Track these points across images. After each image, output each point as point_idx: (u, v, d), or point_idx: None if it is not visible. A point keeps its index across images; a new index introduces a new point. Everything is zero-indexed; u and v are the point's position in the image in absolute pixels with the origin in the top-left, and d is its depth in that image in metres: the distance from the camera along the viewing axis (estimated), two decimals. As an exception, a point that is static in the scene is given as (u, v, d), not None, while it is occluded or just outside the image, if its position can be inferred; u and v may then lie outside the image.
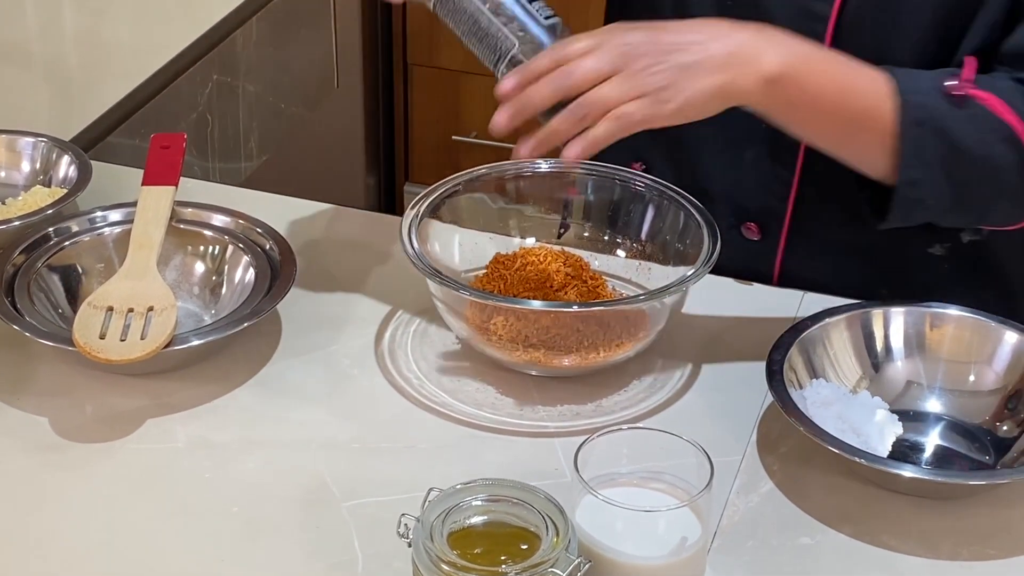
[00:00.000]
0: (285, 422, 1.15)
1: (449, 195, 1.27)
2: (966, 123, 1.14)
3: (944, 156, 1.15)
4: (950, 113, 1.14)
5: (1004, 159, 1.15)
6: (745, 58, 1.10)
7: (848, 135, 1.17)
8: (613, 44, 1.09)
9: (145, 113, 1.69)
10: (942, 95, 1.14)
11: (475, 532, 0.95)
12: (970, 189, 1.17)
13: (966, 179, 1.16)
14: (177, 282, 1.26)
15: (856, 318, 1.18)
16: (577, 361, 1.17)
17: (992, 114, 1.14)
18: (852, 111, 1.15)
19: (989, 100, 1.14)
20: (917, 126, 1.14)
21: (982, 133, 1.15)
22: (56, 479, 1.09)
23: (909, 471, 1.05)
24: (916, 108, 1.14)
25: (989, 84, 1.16)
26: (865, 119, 1.15)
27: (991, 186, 1.17)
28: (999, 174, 1.16)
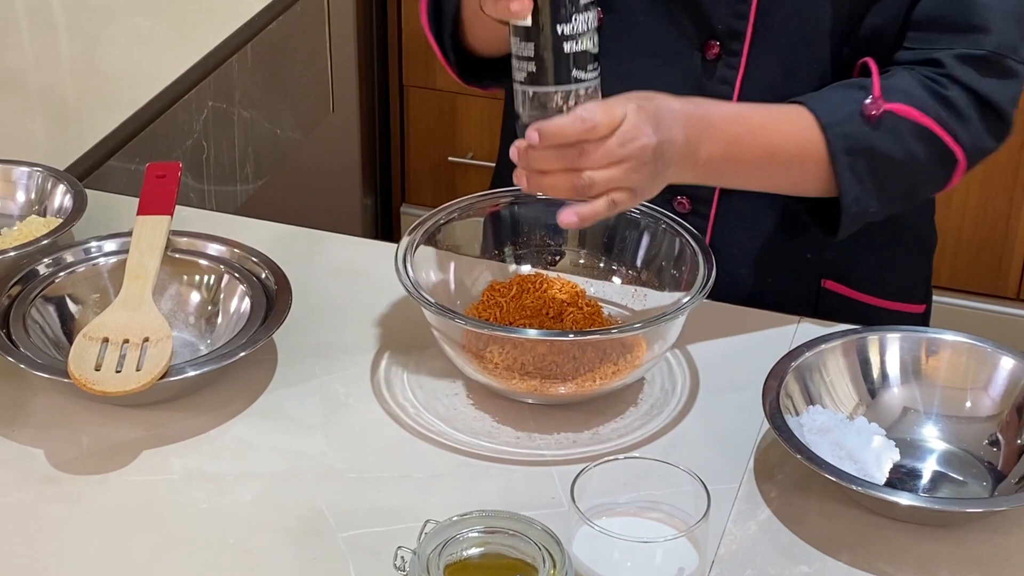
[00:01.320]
0: (281, 452, 1.15)
1: (445, 222, 1.27)
2: (888, 136, 1.24)
3: (876, 170, 1.25)
4: (872, 133, 1.24)
5: (924, 154, 1.25)
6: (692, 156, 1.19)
7: (784, 179, 1.27)
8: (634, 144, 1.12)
9: (141, 140, 1.69)
10: (861, 118, 1.23)
11: (472, 564, 0.95)
12: (902, 188, 1.28)
13: (898, 182, 1.27)
14: (173, 312, 1.26)
15: (852, 344, 1.18)
16: (574, 389, 1.17)
17: (908, 120, 1.24)
18: (783, 161, 1.24)
19: (902, 110, 1.24)
20: (847, 154, 1.23)
21: (903, 139, 1.24)
22: (52, 511, 1.09)
23: (906, 499, 1.05)
24: (842, 139, 1.23)
25: (897, 91, 1.24)
26: (797, 161, 1.24)
27: (918, 178, 1.28)
28: (923, 167, 1.26)
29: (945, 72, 1.25)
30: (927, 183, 1.30)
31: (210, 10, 1.96)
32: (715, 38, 1.30)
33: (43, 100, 1.73)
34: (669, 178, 1.18)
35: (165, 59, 1.81)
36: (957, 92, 1.24)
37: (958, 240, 2.58)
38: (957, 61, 1.25)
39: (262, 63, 1.98)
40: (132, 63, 1.81)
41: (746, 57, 1.30)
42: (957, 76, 1.25)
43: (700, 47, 1.31)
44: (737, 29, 1.29)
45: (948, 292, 2.61)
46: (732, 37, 1.30)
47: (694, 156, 1.19)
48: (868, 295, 1.42)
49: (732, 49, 1.30)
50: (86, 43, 1.86)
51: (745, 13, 1.28)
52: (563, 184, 1.12)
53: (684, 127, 1.18)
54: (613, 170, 1.12)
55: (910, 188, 1.29)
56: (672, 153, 1.16)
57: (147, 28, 1.89)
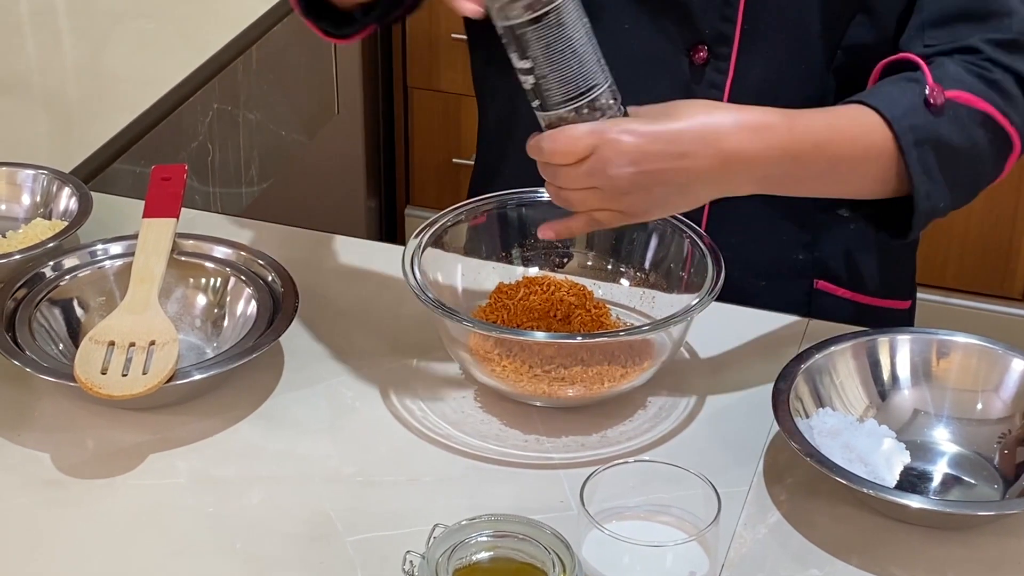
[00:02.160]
0: (288, 456, 1.14)
1: (452, 224, 1.26)
2: (952, 125, 1.21)
3: (943, 161, 1.21)
4: (938, 123, 1.20)
5: (985, 141, 1.23)
6: (735, 170, 1.14)
7: (849, 181, 1.22)
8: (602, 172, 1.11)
9: (146, 143, 1.69)
10: (925, 109, 1.20)
11: (481, 569, 0.94)
12: (968, 178, 1.25)
13: (962, 172, 1.24)
14: (179, 315, 1.26)
15: (862, 346, 1.17)
16: (582, 392, 1.17)
17: (968, 107, 1.21)
18: (849, 162, 1.20)
19: (961, 97, 1.21)
20: (917, 147, 1.19)
21: (965, 127, 1.21)
22: (57, 515, 1.09)
23: (917, 502, 1.05)
24: (910, 131, 1.19)
25: (951, 80, 1.22)
26: (863, 161, 1.20)
27: (981, 167, 1.25)
28: (985, 156, 1.24)
29: (985, 57, 1.23)
30: (987, 172, 1.26)
31: (215, 13, 1.96)
32: (702, 42, 1.29)
33: (48, 103, 1.73)
34: (700, 197, 1.15)
35: (170, 62, 1.80)
36: (1002, 75, 1.22)
37: (964, 241, 2.57)
38: (991, 46, 1.23)
39: (267, 65, 1.97)
40: (137, 66, 1.81)
41: (735, 61, 1.29)
42: (998, 59, 1.23)
43: (687, 52, 1.30)
44: (725, 33, 1.28)
45: (954, 293, 2.61)
46: (720, 41, 1.29)
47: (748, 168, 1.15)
48: (859, 294, 1.41)
49: (720, 53, 1.29)
50: (91, 46, 1.86)
51: (732, 16, 1.28)
52: (551, 193, 1.15)
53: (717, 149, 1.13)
54: (586, 194, 1.12)
55: (974, 178, 1.25)
56: (689, 178, 1.12)
57: (152, 31, 1.89)
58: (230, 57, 1.88)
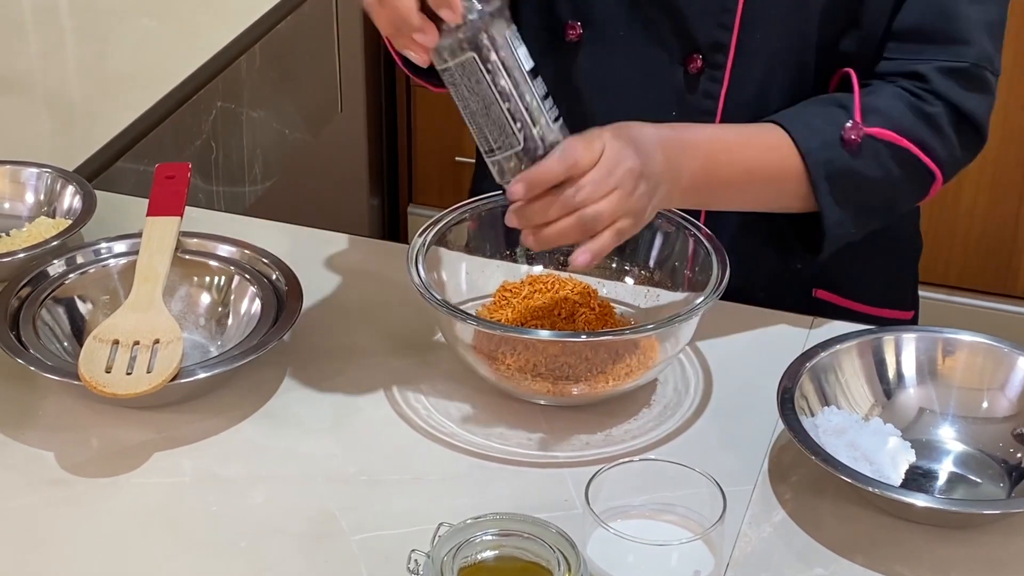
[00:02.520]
0: (292, 454, 1.14)
1: (456, 223, 1.26)
2: (868, 160, 1.24)
3: (856, 193, 1.25)
4: (852, 158, 1.24)
5: (903, 174, 1.26)
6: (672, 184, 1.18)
7: (766, 197, 1.27)
8: (620, 169, 1.12)
9: (149, 141, 1.68)
10: (841, 144, 1.24)
11: (486, 567, 0.94)
12: (881, 207, 1.29)
13: (876, 202, 1.28)
14: (183, 313, 1.26)
15: (867, 345, 1.17)
16: (586, 390, 1.16)
17: (890, 144, 1.24)
18: (762, 179, 1.24)
19: (882, 134, 1.24)
20: (827, 180, 1.24)
21: (883, 162, 1.25)
22: (62, 513, 1.08)
23: (922, 500, 1.04)
24: (822, 164, 1.24)
25: (878, 113, 1.24)
26: (777, 179, 1.25)
27: (897, 197, 1.29)
28: (902, 187, 1.27)
29: (929, 87, 1.25)
30: (905, 200, 1.31)
31: (218, 11, 1.95)
32: (698, 51, 1.29)
33: (51, 102, 1.73)
34: (659, 201, 1.17)
35: (173, 60, 1.80)
36: (940, 108, 1.25)
37: (967, 240, 2.57)
38: (940, 74, 1.25)
39: (270, 63, 1.97)
40: (140, 64, 1.80)
41: (730, 70, 1.29)
42: (940, 91, 1.25)
43: (682, 61, 1.30)
44: (720, 42, 1.28)
45: (957, 291, 2.61)
46: (715, 50, 1.29)
47: (677, 178, 1.18)
48: (859, 303, 1.41)
49: (715, 62, 1.29)
50: (94, 44, 1.86)
51: (729, 25, 1.27)
52: (570, 227, 1.11)
53: (662, 150, 1.17)
54: (611, 198, 1.11)
55: (888, 206, 1.30)
56: (656, 176, 1.15)
57: (155, 29, 1.89)
58: (233, 55, 1.87)
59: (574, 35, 1.32)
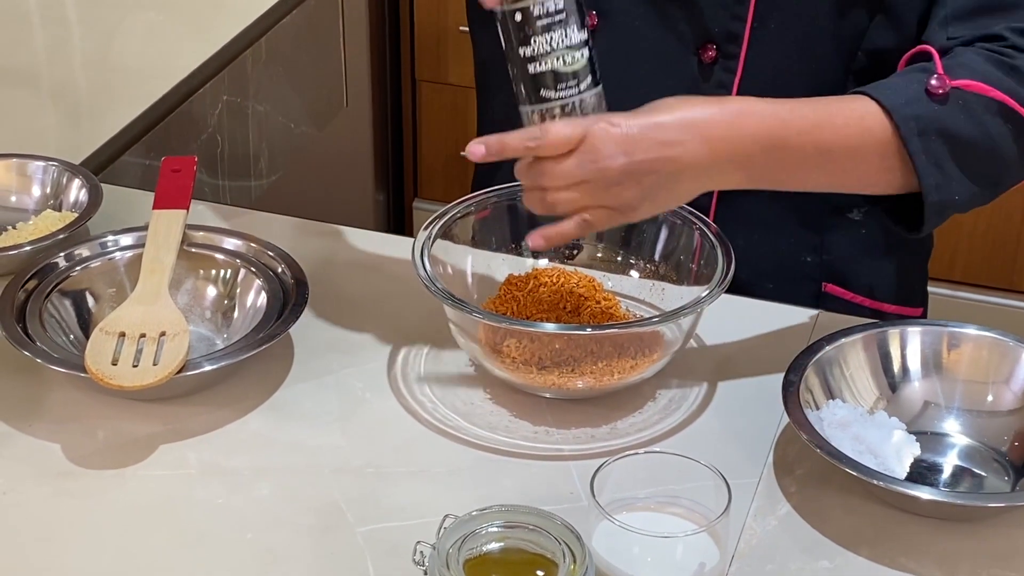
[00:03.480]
0: (298, 447, 1.14)
1: (461, 216, 1.26)
2: (960, 114, 1.17)
3: (953, 151, 1.17)
4: (943, 112, 1.16)
5: (1000, 131, 1.19)
6: (721, 159, 1.12)
7: (847, 177, 1.19)
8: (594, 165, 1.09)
9: (155, 135, 1.69)
10: (928, 98, 1.17)
11: (491, 559, 0.94)
12: (985, 171, 1.21)
13: (977, 164, 1.19)
14: (189, 306, 1.26)
15: (872, 338, 1.17)
16: (591, 383, 1.17)
17: (979, 96, 1.17)
18: (843, 152, 1.17)
19: (971, 86, 1.17)
20: (920, 136, 1.16)
21: (976, 117, 1.18)
22: (68, 505, 1.09)
23: (927, 493, 1.05)
24: (911, 120, 1.16)
25: (962, 68, 1.18)
26: (859, 151, 1.17)
27: (998, 160, 1.21)
28: (1001, 147, 1.20)
29: (1009, 43, 1.20)
30: (1010, 165, 1.22)
31: (224, 5, 1.95)
32: (711, 41, 1.28)
33: (57, 95, 1.73)
34: (689, 191, 1.14)
35: (179, 54, 1.80)
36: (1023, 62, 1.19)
37: (972, 235, 2.57)
38: (1016, 33, 1.20)
39: (276, 57, 1.97)
40: (146, 58, 1.81)
41: (743, 60, 1.28)
42: (1021, 45, 1.20)
43: (696, 51, 1.29)
44: (734, 31, 1.28)
45: (963, 287, 2.60)
46: (729, 40, 1.28)
47: (729, 161, 1.13)
48: (869, 299, 1.40)
49: (729, 52, 1.29)
50: (99, 38, 1.86)
51: (743, 15, 1.27)
52: (534, 201, 1.12)
53: (704, 138, 1.12)
54: (574, 192, 1.10)
55: (993, 171, 1.21)
56: (668, 169, 1.11)
57: (161, 22, 1.89)
58: (239, 49, 1.87)
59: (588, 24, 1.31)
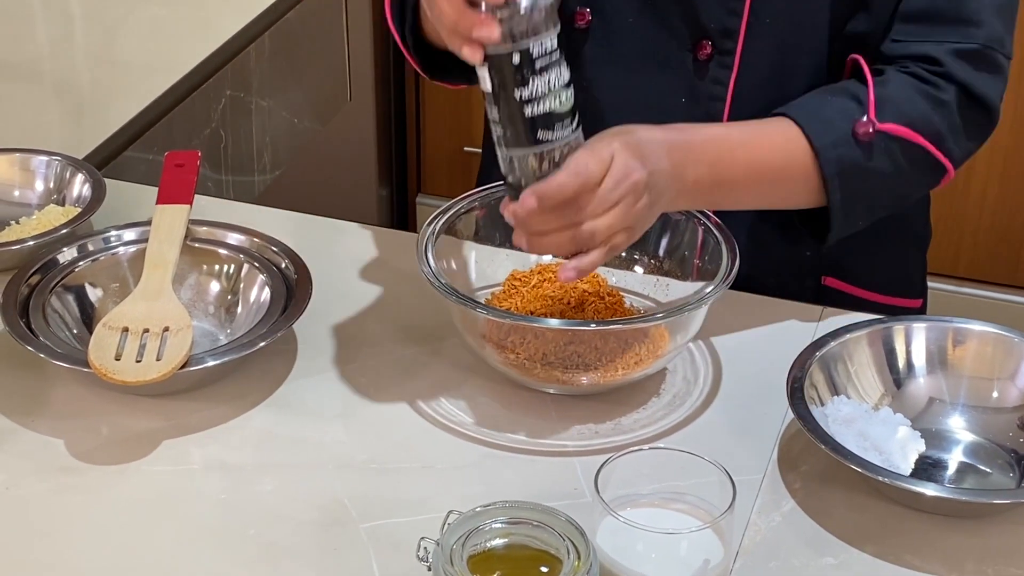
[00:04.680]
0: (301, 443, 1.14)
1: (465, 212, 1.26)
2: (881, 157, 1.24)
3: (867, 188, 1.24)
4: (865, 154, 1.23)
5: (915, 169, 1.25)
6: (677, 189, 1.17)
7: (774, 195, 1.25)
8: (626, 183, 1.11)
9: (159, 130, 1.68)
10: (853, 140, 1.22)
11: (495, 555, 0.94)
12: (890, 200, 1.28)
13: (886, 196, 1.27)
14: (192, 302, 1.26)
15: (877, 334, 1.17)
16: (595, 379, 1.16)
17: (900, 139, 1.23)
18: (770, 178, 1.23)
19: (895, 130, 1.23)
20: (839, 176, 1.22)
21: (895, 158, 1.23)
22: (71, 501, 1.09)
23: (932, 490, 1.04)
24: (835, 162, 1.22)
25: (892, 106, 1.23)
26: (786, 177, 1.23)
27: (906, 190, 1.29)
28: (912, 183, 1.27)
29: (941, 70, 1.23)
30: (914, 193, 1.31)
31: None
32: (707, 37, 1.28)
33: (60, 90, 1.73)
34: (662, 207, 1.17)
35: (182, 48, 1.80)
36: (951, 94, 1.23)
37: (977, 230, 2.56)
38: (952, 56, 1.23)
39: (280, 52, 1.97)
40: (149, 52, 1.80)
41: (739, 56, 1.28)
42: (953, 73, 1.23)
43: (692, 47, 1.29)
44: (730, 27, 1.27)
45: (967, 282, 2.60)
46: (725, 36, 1.28)
47: (682, 181, 1.17)
48: (869, 291, 1.41)
49: (725, 48, 1.28)
50: (103, 32, 1.86)
51: (739, 10, 1.27)
52: (565, 241, 1.11)
53: (668, 154, 1.16)
54: (611, 215, 1.11)
55: (897, 199, 1.29)
56: (662, 183, 1.15)
57: (164, 17, 1.89)
58: (243, 44, 1.87)
59: (583, 22, 1.31)
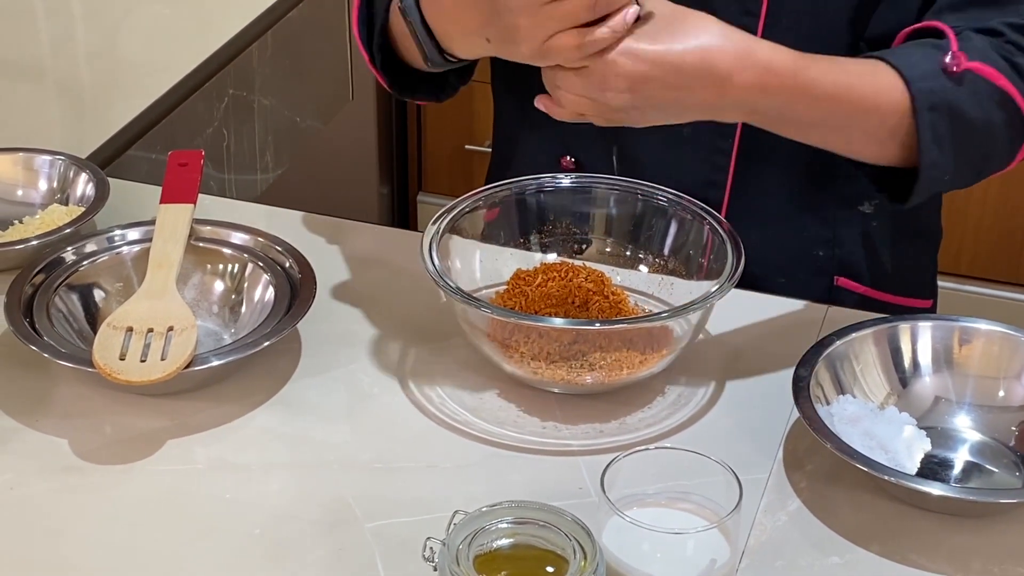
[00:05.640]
0: (306, 442, 1.14)
1: (470, 211, 1.26)
2: (969, 97, 1.19)
3: (955, 133, 1.19)
4: (955, 92, 1.18)
5: (998, 119, 1.20)
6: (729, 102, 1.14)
7: (848, 135, 1.20)
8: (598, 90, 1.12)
9: (161, 129, 1.68)
10: (944, 75, 1.18)
11: (501, 555, 0.94)
12: (978, 156, 1.23)
13: (973, 147, 1.21)
14: (196, 301, 1.25)
15: (883, 333, 1.16)
16: (600, 378, 1.16)
17: (988, 82, 1.19)
18: (853, 115, 1.18)
19: (983, 70, 1.19)
20: (931, 111, 1.17)
21: (982, 101, 1.19)
22: (75, 501, 1.08)
23: (938, 489, 1.04)
24: (927, 94, 1.17)
25: (975, 51, 1.19)
26: (869, 116, 1.18)
27: (993, 147, 1.23)
28: (996, 134, 1.22)
29: (1008, 39, 1.21)
30: (999, 154, 1.24)
31: (229, -2, 1.95)
32: None
33: (63, 89, 1.73)
34: (692, 119, 1.17)
35: (185, 48, 1.80)
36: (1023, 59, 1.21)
37: (978, 228, 2.57)
38: (1012, 30, 1.21)
39: (282, 51, 1.97)
40: (152, 52, 1.80)
41: None
42: (1019, 43, 1.21)
43: None
44: (747, 27, 1.26)
45: (969, 280, 2.60)
46: None
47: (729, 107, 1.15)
48: (880, 291, 1.40)
49: None
50: (105, 31, 1.86)
51: (756, 10, 1.27)
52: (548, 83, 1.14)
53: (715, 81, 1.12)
54: (580, 100, 1.13)
55: (984, 157, 1.23)
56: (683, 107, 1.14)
57: (166, 16, 1.89)
58: (245, 43, 1.87)
59: None
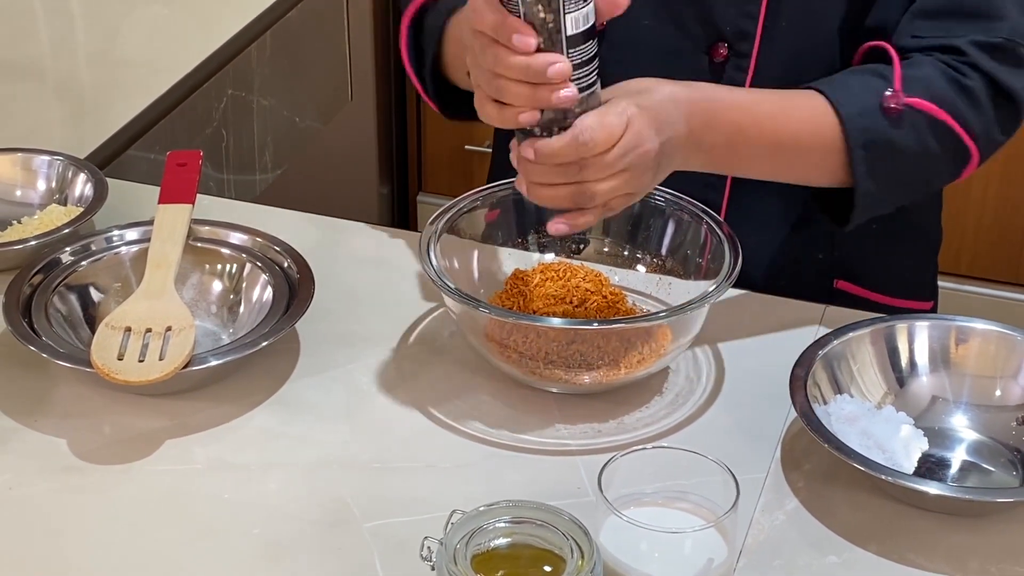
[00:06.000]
0: (304, 442, 1.14)
1: (468, 211, 1.26)
2: (907, 131, 1.21)
3: (892, 165, 1.22)
4: (892, 128, 1.21)
5: (940, 149, 1.23)
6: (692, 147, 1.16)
7: (793, 168, 1.23)
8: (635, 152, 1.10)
9: (160, 129, 1.68)
10: (881, 112, 1.20)
11: (499, 555, 0.94)
12: (915, 182, 1.27)
13: (912, 177, 1.25)
14: (195, 301, 1.26)
15: (880, 333, 1.17)
16: (598, 378, 1.16)
17: (928, 116, 1.21)
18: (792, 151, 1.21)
19: (923, 105, 1.21)
20: (864, 149, 1.20)
21: (921, 134, 1.22)
22: (74, 501, 1.09)
23: (935, 488, 1.04)
24: (861, 132, 1.20)
25: (917, 83, 1.21)
26: (807, 151, 1.22)
27: (931, 173, 1.26)
28: (937, 162, 1.24)
29: (966, 60, 1.22)
30: (938, 177, 1.28)
31: (229, -2, 1.95)
32: (723, 40, 1.28)
33: (62, 89, 1.73)
34: (673, 167, 1.16)
35: (184, 48, 1.80)
36: (977, 81, 1.22)
37: (978, 228, 2.56)
38: (975, 48, 1.22)
39: (281, 51, 1.97)
40: (151, 52, 1.80)
41: (755, 58, 1.28)
42: (977, 63, 1.22)
43: (707, 50, 1.29)
44: (746, 30, 1.27)
45: (968, 280, 2.60)
46: (741, 38, 1.28)
47: (698, 145, 1.17)
48: (880, 294, 1.41)
49: (740, 51, 1.28)
50: (104, 31, 1.86)
51: (755, 13, 1.27)
52: (564, 196, 1.11)
53: (687, 118, 1.15)
54: (615, 180, 1.10)
55: (922, 182, 1.27)
56: (675, 147, 1.14)
57: (166, 16, 1.89)
58: (244, 43, 1.87)
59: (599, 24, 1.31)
